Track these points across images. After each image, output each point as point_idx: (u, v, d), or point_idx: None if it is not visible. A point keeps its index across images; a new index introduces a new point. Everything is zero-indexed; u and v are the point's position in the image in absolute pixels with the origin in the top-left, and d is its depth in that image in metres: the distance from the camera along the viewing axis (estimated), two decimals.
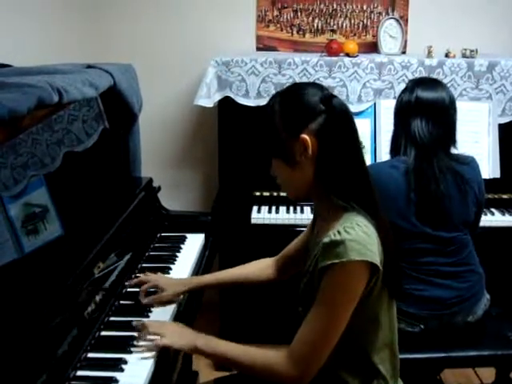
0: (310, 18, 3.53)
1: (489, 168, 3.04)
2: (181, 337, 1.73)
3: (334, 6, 3.51)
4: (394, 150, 2.37)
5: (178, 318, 1.99)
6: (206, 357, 1.77)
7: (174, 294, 2.04)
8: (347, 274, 1.54)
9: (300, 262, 1.88)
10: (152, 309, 1.98)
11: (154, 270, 2.25)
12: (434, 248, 2.28)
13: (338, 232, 1.55)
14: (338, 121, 1.62)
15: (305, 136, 1.60)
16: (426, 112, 2.27)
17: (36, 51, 2.73)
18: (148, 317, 1.93)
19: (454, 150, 2.34)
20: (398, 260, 1.70)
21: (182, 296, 2.08)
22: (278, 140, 1.65)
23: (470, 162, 2.35)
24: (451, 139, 2.33)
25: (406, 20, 3.50)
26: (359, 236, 1.54)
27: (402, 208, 2.25)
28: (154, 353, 1.69)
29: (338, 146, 1.61)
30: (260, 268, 2.14)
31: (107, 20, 3.52)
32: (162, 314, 1.97)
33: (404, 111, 2.32)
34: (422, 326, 2.30)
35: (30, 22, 2.75)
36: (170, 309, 2.01)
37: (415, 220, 2.26)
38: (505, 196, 3.13)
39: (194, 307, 2.09)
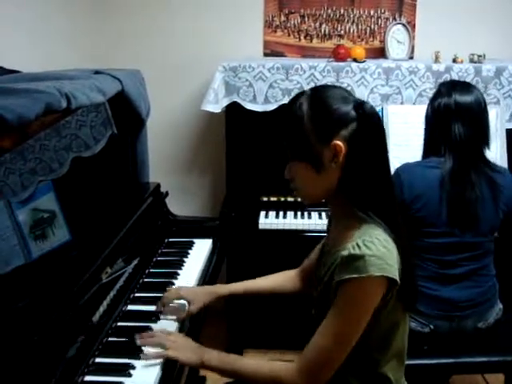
0: (318, 24, 3.53)
1: None
2: (187, 350, 1.72)
3: (342, 11, 3.51)
4: (429, 151, 2.39)
5: (184, 323, 1.99)
6: (213, 371, 1.72)
7: (202, 306, 2.02)
8: (365, 289, 1.52)
9: None
10: (160, 314, 1.98)
11: (162, 276, 2.26)
12: (458, 249, 2.30)
13: (358, 246, 1.52)
14: (369, 128, 1.58)
15: (338, 142, 1.56)
16: (466, 115, 2.30)
17: (43, 60, 2.74)
18: (155, 322, 1.94)
19: (488, 153, 2.37)
20: (413, 273, 1.67)
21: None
22: (306, 144, 1.60)
23: (503, 172, 2.39)
24: (487, 141, 2.36)
25: (414, 25, 3.50)
26: (379, 251, 1.51)
27: (434, 206, 2.28)
28: (159, 360, 1.69)
29: (367, 153, 1.58)
30: (286, 279, 2.09)
31: (115, 26, 3.53)
32: (169, 319, 1.97)
33: (443, 115, 2.33)
34: (432, 327, 2.32)
35: (36, 33, 2.77)
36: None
37: (446, 219, 2.27)
38: None
39: (200, 314, 2.09)
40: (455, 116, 2.30)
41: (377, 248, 1.51)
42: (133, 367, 1.66)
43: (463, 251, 2.30)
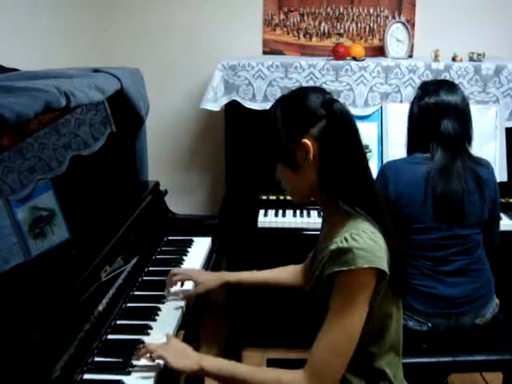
0: (317, 22, 3.53)
1: (496, 172, 3.02)
2: (185, 357, 1.67)
3: (341, 9, 3.51)
4: (414, 148, 2.42)
5: (184, 321, 1.99)
6: (212, 378, 1.69)
7: (205, 290, 2.06)
8: (355, 281, 1.54)
9: None
10: (159, 312, 1.99)
11: (161, 274, 2.26)
12: (448, 244, 2.32)
13: (345, 239, 1.55)
14: (338, 125, 1.62)
15: (306, 141, 1.61)
16: (453, 112, 2.35)
17: (42, 59, 2.74)
18: (155, 320, 1.94)
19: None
20: (404, 262, 1.69)
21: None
22: (280, 145, 1.66)
23: (486, 164, 2.43)
24: (470, 137, 2.39)
25: (413, 24, 3.50)
26: (367, 243, 1.54)
27: (420, 202, 2.30)
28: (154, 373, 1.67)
29: (339, 150, 1.61)
30: (290, 273, 2.12)
31: (114, 24, 3.53)
32: (168, 317, 1.98)
33: (432, 112, 2.36)
34: (430, 325, 2.32)
35: (36, 30, 2.76)
36: (177, 313, 2.01)
37: (432, 214, 2.29)
38: None
39: (200, 310, 2.09)
40: (444, 113, 2.34)
41: (364, 241, 1.54)
42: (132, 365, 1.66)
43: (453, 246, 2.32)
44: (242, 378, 1.62)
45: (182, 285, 2.13)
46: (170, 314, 2.00)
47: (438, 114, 2.34)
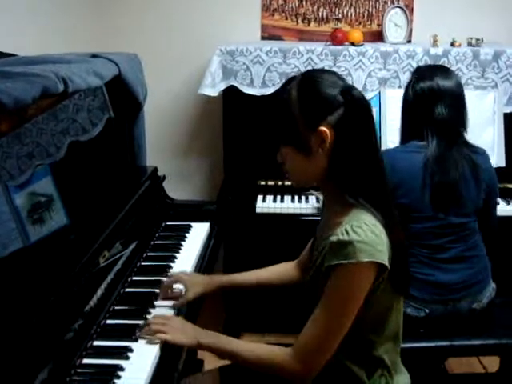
0: (315, 7, 3.51)
1: (494, 157, 3.03)
2: (183, 333, 1.72)
3: None
4: (409, 136, 2.40)
5: (181, 309, 2.00)
6: (209, 351, 1.74)
7: (195, 296, 2.02)
8: (355, 274, 1.54)
9: None
10: (157, 297, 1.99)
11: (159, 259, 2.26)
12: (445, 232, 2.32)
13: (346, 231, 1.54)
14: (356, 114, 1.59)
15: (324, 129, 1.57)
16: (448, 98, 2.33)
17: (42, 44, 2.73)
18: (153, 306, 1.94)
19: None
20: (406, 257, 1.69)
21: None
22: (294, 129, 1.62)
23: (483, 153, 2.42)
24: (465, 123, 2.39)
25: (412, 9, 3.48)
26: (368, 237, 1.53)
27: (417, 191, 2.29)
28: (157, 342, 1.70)
29: (355, 139, 1.59)
30: (283, 271, 2.11)
31: (112, 9, 3.52)
32: (167, 302, 1.98)
33: (427, 98, 2.34)
34: (427, 311, 2.33)
35: (35, 15, 2.75)
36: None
37: (429, 203, 2.29)
38: (510, 185, 3.12)
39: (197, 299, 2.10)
40: (438, 99, 2.32)
41: (365, 234, 1.53)
42: (130, 350, 1.67)
43: (450, 234, 2.33)
44: (236, 352, 1.68)
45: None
46: (168, 302, 2.00)
47: (433, 100, 2.32)
